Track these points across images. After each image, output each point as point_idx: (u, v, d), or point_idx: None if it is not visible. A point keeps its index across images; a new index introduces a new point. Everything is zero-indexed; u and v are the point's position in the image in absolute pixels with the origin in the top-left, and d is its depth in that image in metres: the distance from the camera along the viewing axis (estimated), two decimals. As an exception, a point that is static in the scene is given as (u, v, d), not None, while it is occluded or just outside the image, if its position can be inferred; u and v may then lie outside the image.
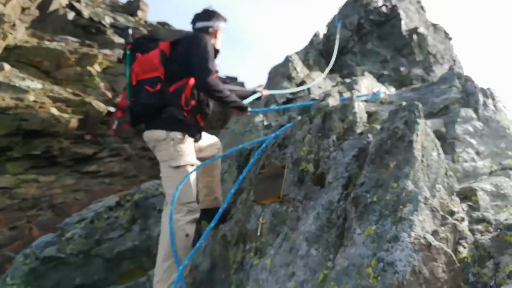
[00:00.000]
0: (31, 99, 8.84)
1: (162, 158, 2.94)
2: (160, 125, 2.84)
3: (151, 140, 2.93)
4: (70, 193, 8.68)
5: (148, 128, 2.90)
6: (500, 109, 3.26)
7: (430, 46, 9.25)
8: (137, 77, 2.85)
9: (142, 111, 2.83)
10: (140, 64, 2.87)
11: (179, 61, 2.87)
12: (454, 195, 2.32)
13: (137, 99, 2.82)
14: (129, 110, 2.86)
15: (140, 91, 2.80)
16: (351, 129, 2.88)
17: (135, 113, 2.86)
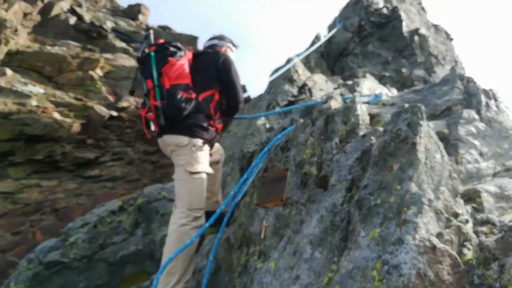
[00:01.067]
0: (34, 104, 8.87)
1: (179, 162, 3.00)
2: (184, 131, 2.92)
3: (172, 144, 2.99)
4: (72, 198, 8.70)
5: (170, 133, 2.96)
6: (502, 110, 3.26)
7: (431, 47, 9.25)
8: (170, 81, 2.89)
9: (176, 114, 2.86)
10: (175, 69, 2.91)
11: (206, 74, 3.03)
12: (458, 197, 2.31)
13: (172, 102, 2.84)
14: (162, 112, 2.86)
15: (174, 95, 2.84)
16: (354, 131, 2.88)
17: (168, 116, 2.87)
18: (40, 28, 12.25)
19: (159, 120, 2.85)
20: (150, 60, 2.93)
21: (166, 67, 2.89)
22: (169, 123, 2.89)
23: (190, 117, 2.92)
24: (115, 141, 10.10)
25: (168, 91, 2.85)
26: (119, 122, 10.40)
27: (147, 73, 2.94)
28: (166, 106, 2.85)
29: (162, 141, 3.06)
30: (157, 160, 10.48)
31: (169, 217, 4.62)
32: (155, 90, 2.87)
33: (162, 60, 2.91)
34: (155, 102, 2.88)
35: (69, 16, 13.11)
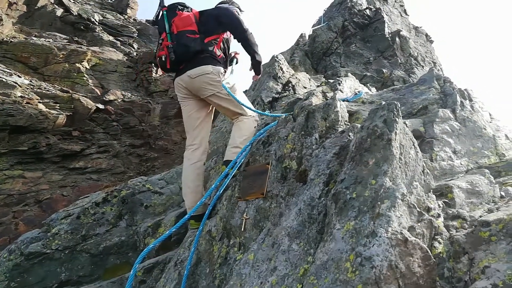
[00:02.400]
0: (18, 94, 8.75)
1: (213, 91, 3.53)
2: (205, 62, 3.49)
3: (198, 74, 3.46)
4: (57, 189, 8.63)
5: (193, 67, 3.47)
6: (477, 110, 3.34)
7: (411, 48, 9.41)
8: (177, 28, 3.51)
9: (184, 51, 3.45)
10: (181, 19, 3.53)
11: (212, 22, 3.59)
12: (431, 192, 2.37)
13: (179, 42, 3.45)
14: (172, 50, 3.45)
15: (181, 37, 3.46)
16: (333, 127, 2.93)
17: (178, 53, 3.46)
18: (26, 19, 12.06)
19: (170, 55, 3.43)
20: (163, 17, 3.57)
21: (175, 18, 3.52)
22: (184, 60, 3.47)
23: (203, 54, 3.49)
24: (101, 134, 10.04)
25: (176, 35, 3.48)
26: (106, 115, 10.34)
27: (161, 27, 3.58)
28: (176, 45, 3.45)
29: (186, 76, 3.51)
30: (143, 154, 10.46)
31: (153, 209, 4.68)
32: (167, 36, 3.50)
33: (172, 14, 3.56)
34: (166, 43, 3.49)
35: (56, 7, 12.92)
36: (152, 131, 11.10)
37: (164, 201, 4.85)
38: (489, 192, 2.53)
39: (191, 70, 3.47)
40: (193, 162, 3.58)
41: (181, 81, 3.58)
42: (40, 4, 12.58)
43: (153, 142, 10.91)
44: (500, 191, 2.56)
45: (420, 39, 10.98)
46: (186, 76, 3.50)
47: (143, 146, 10.71)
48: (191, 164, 3.58)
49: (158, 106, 11.85)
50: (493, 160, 3.07)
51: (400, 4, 12.11)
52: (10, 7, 11.60)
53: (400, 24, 10.87)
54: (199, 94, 3.59)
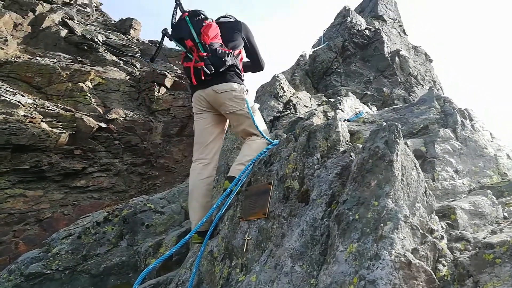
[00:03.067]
0: (21, 113, 8.82)
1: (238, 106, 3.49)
2: (232, 79, 3.48)
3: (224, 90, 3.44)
4: (58, 208, 8.60)
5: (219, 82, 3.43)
6: (477, 130, 3.36)
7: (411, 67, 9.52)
8: (209, 39, 3.38)
9: (220, 64, 3.36)
10: (212, 30, 3.41)
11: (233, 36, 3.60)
12: (434, 213, 2.37)
13: (215, 55, 3.35)
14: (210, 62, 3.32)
15: (216, 49, 3.37)
16: (335, 147, 2.94)
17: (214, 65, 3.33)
18: (31, 39, 12.24)
19: (209, 67, 3.30)
20: (187, 24, 3.40)
21: (204, 28, 3.38)
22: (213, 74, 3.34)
23: (230, 69, 3.46)
24: (103, 152, 10.06)
25: (209, 46, 3.36)
26: (108, 134, 10.38)
27: (185, 33, 3.41)
28: (212, 57, 3.33)
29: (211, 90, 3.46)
30: (145, 172, 10.46)
31: (154, 228, 4.65)
32: (198, 46, 3.36)
33: (198, 23, 3.41)
34: (201, 54, 3.34)
35: (61, 28, 13.13)
36: (153, 150, 11.13)
37: (166, 221, 4.83)
38: (492, 213, 2.52)
39: (218, 85, 3.43)
40: (205, 177, 3.51)
41: (204, 94, 3.51)
42: (45, 25, 12.78)
43: (154, 160, 10.92)
44: (503, 212, 2.55)
45: (419, 58, 11.11)
46: (211, 90, 3.44)
47: (145, 164, 10.72)
48: (201, 179, 3.50)
49: (160, 125, 11.90)
50: (495, 179, 3.07)
51: (399, 24, 12.30)
52: (15, 28, 11.79)
53: (399, 43, 11.02)
54: (220, 109, 3.55)
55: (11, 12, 11.88)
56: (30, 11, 12.66)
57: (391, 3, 13.20)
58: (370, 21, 11.55)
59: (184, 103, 12.79)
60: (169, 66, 15.99)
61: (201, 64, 3.31)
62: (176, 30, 3.51)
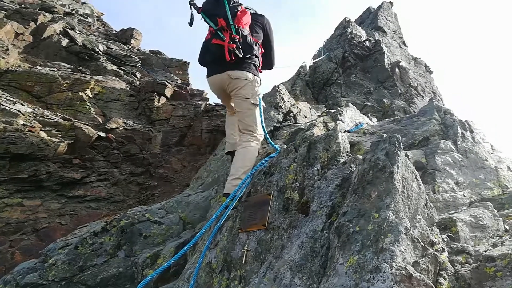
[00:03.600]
0: (21, 122, 8.80)
1: (244, 95, 3.60)
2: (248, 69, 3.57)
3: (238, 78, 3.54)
4: (55, 218, 8.53)
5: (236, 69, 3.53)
6: (478, 141, 3.35)
7: (411, 79, 9.57)
8: (241, 24, 3.47)
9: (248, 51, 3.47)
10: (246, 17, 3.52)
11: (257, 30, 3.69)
12: (434, 226, 2.35)
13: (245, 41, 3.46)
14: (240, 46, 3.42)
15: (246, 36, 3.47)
16: (335, 158, 2.94)
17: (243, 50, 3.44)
18: (32, 49, 12.29)
19: (240, 51, 3.39)
20: (223, 3, 3.48)
21: (240, 13, 3.49)
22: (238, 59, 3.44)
23: (251, 59, 3.57)
24: (102, 162, 10.02)
25: (242, 30, 3.44)
26: (107, 143, 10.36)
27: (220, 12, 3.47)
28: (242, 43, 3.43)
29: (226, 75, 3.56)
30: (143, 182, 10.41)
31: (152, 239, 4.61)
32: (231, 27, 3.42)
33: (233, 7, 3.52)
34: (235, 36, 3.41)
35: (62, 38, 13.19)
36: (152, 159, 11.09)
37: (164, 231, 4.78)
38: (493, 226, 2.50)
39: (234, 72, 3.54)
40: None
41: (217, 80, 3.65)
42: (46, 35, 12.84)
43: (153, 170, 10.88)
44: (504, 225, 2.53)
45: (419, 69, 11.18)
46: (226, 75, 3.57)
47: (143, 174, 10.67)
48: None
49: (159, 134, 11.89)
50: (496, 192, 3.05)
51: (399, 36, 12.40)
52: (16, 37, 11.85)
53: (400, 55, 11.10)
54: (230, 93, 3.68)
55: (13, 22, 11.95)
56: (32, 20, 12.74)
57: (391, 15, 13.32)
58: (370, 32, 11.64)
59: (184, 113, 12.79)
60: (169, 76, 16.05)
61: (233, 46, 3.38)
62: (210, 6, 3.61)
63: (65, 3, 16.95)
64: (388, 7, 13.54)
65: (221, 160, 6.22)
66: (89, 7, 18.28)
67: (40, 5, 14.78)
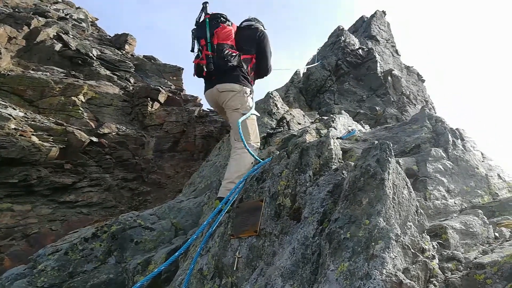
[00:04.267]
0: (12, 126, 8.73)
1: (234, 106, 3.76)
2: (235, 80, 3.73)
3: (226, 90, 3.73)
4: (45, 223, 8.44)
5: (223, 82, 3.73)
6: (469, 149, 3.39)
7: (404, 87, 9.67)
8: (218, 40, 3.72)
9: (223, 64, 3.66)
10: (224, 32, 3.76)
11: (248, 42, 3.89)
12: (425, 232, 2.36)
13: (220, 55, 3.66)
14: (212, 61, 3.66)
15: (222, 50, 3.67)
16: (327, 165, 2.94)
17: (216, 65, 3.66)
18: (25, 53, 12.23)
19: (209, 66, 3.63)
20: (205, 25, 3.77)
21: (218, 30, 3.75)
22: (218, 73, 3.67)
23: (236, 71, 3.74)
24: (94, 167, 9.96)
25: (217, 46, 3.69)
26: (99, 148, 10.30)
27: (202, 34, 3.77)
28: (216, 57, 3.66)
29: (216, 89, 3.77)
30: (135, 187, 10.35)
31: (143, 245, 4.57)
32: (207, 45, 3.70)
33: (214, 25, 3.77)
34: (207, 52, 3.67)
35: (55, 42, 13.15)
36: (145, 165, 11.05)
37: (155, 237, 4.75)
38: (483, 233, 2.52)
39: (221, 85, 3.75)
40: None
41: (209, 94, 3.89)
42: (39, 39, 12.80)
43: (146, 175, 10.83)
44: (494, 232, 2.55)
45: (411, 78, 11.29)
46: (216, 89, 3.79)
47: (136, 179, 10.62)
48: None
49: (152, 140, 11.85)
50: (487, 199, 3.08)
51: (391, 45, 12.53)
52: (9, 41, 11.80)
53: (392, 63, 11.21)
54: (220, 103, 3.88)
55: (6, 25, 11.90)
56: (25, 25, 12.70)
57: (384, 24, 13.47)
58: (364, 41, 11.75)
59: (177, 119, 12.77)
60: (163, 81, 16.04)
61: (204, 62, 3.68)
62: (197, 30, 3.92)
63: (59, 7, 16.92)
64: (381, 16, 13.69)
65: (214, 166, 6.21)
66: (83, 12, 18.26)
67: (34, 9, 14.74)
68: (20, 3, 15.12)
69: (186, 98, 14.91)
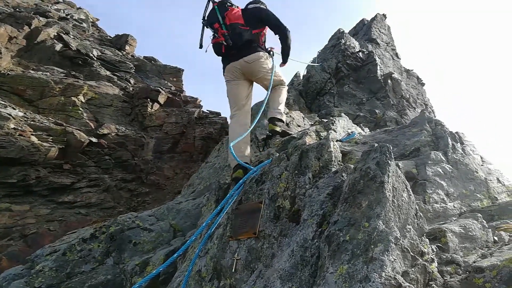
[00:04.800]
0: (11, 126, 8.73)
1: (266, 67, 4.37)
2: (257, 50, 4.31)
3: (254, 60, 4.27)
4: (43, 224, 8.43)
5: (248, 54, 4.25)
6: (468, 153, 3.38)
7: (403, 90, 9.68)
8: (230, 20, 4.24)
9: (239, 39, 4.18)
10: (233, 14, 4.29)
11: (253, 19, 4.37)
12: (424, 236, 2.36)
13: (234, 31, 4.19)
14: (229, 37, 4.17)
15: (235, 27, 4.21)
16: (327, 167, 2.94)
17: (233, 40, 4.17)
18: (25, 53, 12.24)
19: (228, 41, 4.14)
20: (215, 11, 4.28)
21: (228, 12, 4.27)
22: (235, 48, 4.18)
23: (254, 43, 4.29)
24: (93, 167, 9.96)
25: (230, 25, 4.22)
26: (98, 149, 10.30)
27: (214, 19, 4.28)
28: (231, 34, 4.18)
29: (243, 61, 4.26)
30: (134, 188, 10.34)
31: (142, 246, 4.56)
32: (221, 26, 4.21)
33: (223, 9, 4.30)
34: (223, 31, 4.19)
35: (56, 42, 13.16)
36: (144, 166, 11.04)
37: (154, 239, 4.73)
38: (482, 237, 2.51)
39: (247, 57, 4.25)
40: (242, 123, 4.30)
41: (237, 65, 4.31)
42: (40, 39, 12.81)
43: (145, 176, 10.83)
44: (493, 236, 2.55)
45: (411, 81, 11.31)
46: (243, 61, 4.26)
47: (135, 180, 10.62)
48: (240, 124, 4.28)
49: (151, 141, 11.85)
50: (486, 203, 3.07)
51: (391, 48, 12.55)
52: (10, 41, 11.80)
53: (392, 66, 11.22)
54: (251, 76, 4.40)
55: (7, 25, 11.91)
56: (26, 24, 12.71)
57: (384, 27, 13.49)
58: (364, 44, 11.76)
59: (177, 120, 12.77)
60: (163, 82, 16.05)
61: (222, 39, 4.18)
62: (209, 18, 4.39)
63: (60, 8, 16.94)
64: (382, 19, 13.72)
65: (213, 168, 6.21)
66: (84, 13, 18.27)
67: (34, 9, 14.75)
68: (21, 3, 15.14)
69: (186, 99, 14.92)
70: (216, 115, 14.22)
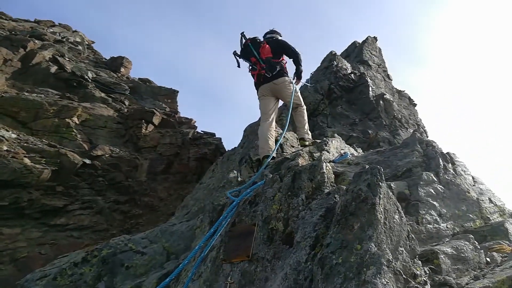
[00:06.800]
0: (4, 148, 8.68)
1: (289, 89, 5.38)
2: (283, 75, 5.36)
3: (281, 83, 5.32)
4: (35, 247, 8.28)
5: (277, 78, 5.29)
6: (459, 173, 3.41)
7: (395, 111, 9.80)
8: (264, 55, 5.28)
9: (274, 69, 5.23)
10: (265, 49, 5.32)
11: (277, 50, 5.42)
12: (417, 258, 2.35)
13: (270, 64, 5.24)
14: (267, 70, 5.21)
15: (269, 61, 5.26)
16: (319, 188, 2.95)
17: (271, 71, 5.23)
18: (20, 75, 12.29)
19: (268, 72, 5.21)
20: (249, 47, 5.35)
21: (261, 49, 5.33)
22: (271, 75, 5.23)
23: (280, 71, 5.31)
24: (86, 189, 9.87)
25: (265, 60, 5.27)
26: (92, 170, 10.24)
27: (250, 54, 5.36)
28: (267, 67, 5.23)
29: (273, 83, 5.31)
30: (128, 210, 10.24)
31: (134, 270, 4.49)
32: (259, 60, 5.29)
33: (257, 45, 5.38)
34: (262, 65, 5.25)
35: (51, 65, 13.24)
36: (138, 187, 10.97)
37: (147, 262, 4.67)
38: (474, 258, 2.52)
39: (276, 80, 5.28)
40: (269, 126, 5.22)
41: (268, 86, 5.34)
42: (35, 61, 12.89)
43: (138, 198, 10.74)
44: (485, 257, 2.55)
45: (403, 102, 11.45)
46: (272, 84, 5.30)
47: (128, 202, 10.52)
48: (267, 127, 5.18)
49: (146, 162, 11.81)
50: (478, 223, 3.09)
51: (383, 69, 12.75)
52: (5, 63, 11.87)
53: (384, 87, 11.37)
54: (277, 93, 5.40)
55: (2, 47, 12.00)
56: (21, 47, 12.81)
57: (376, 49, 13.72)
58: (356, 65, 11.93)
59: (171, 141, 12.77)
60: (158, 103, 16.11)
61: (264, 72, 5.25)
62: (244, 52, 5.46)
63: (56, 31, 17.10)
64: (373, 42, 13.95)
65: (207, 189, 6.19)
66: (79, 35, 18.45)
67: (30, 32, 14.88)
68: (17, 26, 15.28)
69: (181, 120, 14.96)
70: (211, 135, 14.25)
